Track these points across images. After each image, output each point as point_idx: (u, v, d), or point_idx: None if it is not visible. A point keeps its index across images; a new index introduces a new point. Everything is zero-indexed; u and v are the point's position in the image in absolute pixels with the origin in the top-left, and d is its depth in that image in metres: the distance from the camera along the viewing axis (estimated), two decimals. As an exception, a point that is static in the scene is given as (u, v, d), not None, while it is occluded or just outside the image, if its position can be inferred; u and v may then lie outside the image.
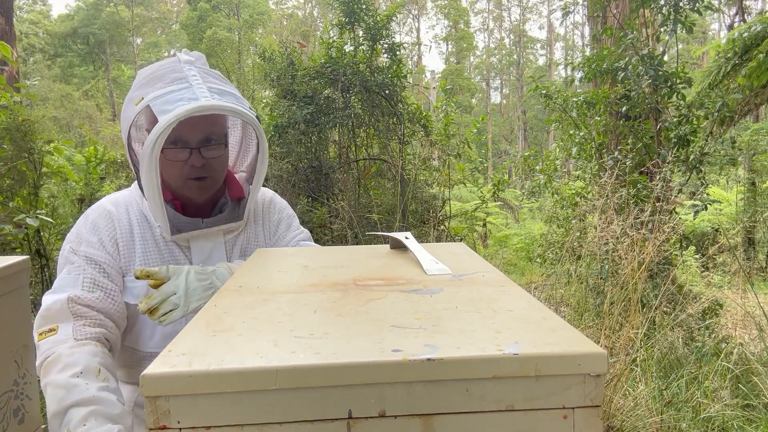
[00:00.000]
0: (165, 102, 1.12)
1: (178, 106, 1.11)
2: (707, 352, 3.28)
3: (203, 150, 1.21)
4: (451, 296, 0.66)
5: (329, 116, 5.96)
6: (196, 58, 1.25)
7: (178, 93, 1.13)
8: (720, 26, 31.34)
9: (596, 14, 5.63)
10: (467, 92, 35.15)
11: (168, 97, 1.13)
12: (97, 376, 1.03)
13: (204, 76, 1.20)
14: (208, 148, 1.22)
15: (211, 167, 1.24)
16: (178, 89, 1.14)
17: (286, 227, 1.43)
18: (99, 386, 1.00)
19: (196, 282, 1.10)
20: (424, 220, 5.70)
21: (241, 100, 1.23)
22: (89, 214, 1.28)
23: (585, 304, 3.50)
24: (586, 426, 0.48)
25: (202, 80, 1.18)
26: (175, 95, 1.13)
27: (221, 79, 1.25)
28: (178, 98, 1.12)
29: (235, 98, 1.20)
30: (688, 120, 4.40)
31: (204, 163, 1.21)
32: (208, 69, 1.25)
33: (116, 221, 1.25)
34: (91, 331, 1.12)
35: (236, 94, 1.23)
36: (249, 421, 0.46)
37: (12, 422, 0.76)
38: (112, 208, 1.28)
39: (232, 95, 1.20)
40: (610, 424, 2.41)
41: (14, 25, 7.20)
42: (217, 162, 1.25)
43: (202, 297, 1.08)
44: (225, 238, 1.30)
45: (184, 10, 30.52)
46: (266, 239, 1.39)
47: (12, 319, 0.78)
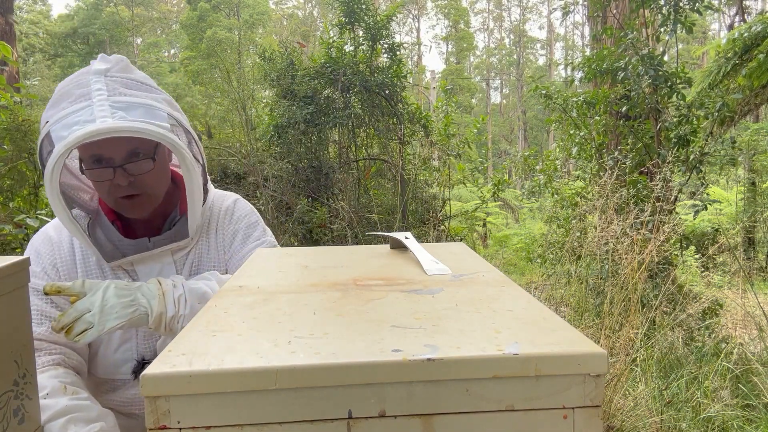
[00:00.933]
0: (63, 127, 1.01)
1: (73, 131, 0.99)
2: (707, 352, 3.28)
3: (129, 167, 1.10)
4: (451, 296, 0.66)
5: (329, 116, 5.97)
6: (113, 64, 1.11)
7: (76, 114, 1.01)
8: (720, 26, 31.35)
9: (596, 14, 5.63)
10: (467, 92, 35.15)
11: (66, 121, 1.01)
12: (65, 392, 1.02)
13: (113, 88, 1.06)
14: (136, 163, 1.11)
15: (143, 183, 1.13)
16: (78, 109, 1.02)
17: (243, 240, 1.29)
18: (69, 398, 1.00)
19: (115, 298, 0.99)
20: (424, 220, 5.70)
21: (154, 112, 1.07)
22: (33, 241, 1.22)
23: (585, 304, 3.50)
24: (586, 426, 0.48)
25: (107, 94, 1.04)
26: (73, 117, 1.01)
27: (138, 86, 1.11)
28: (74, 121, 1.00)
29: (145, 111, 1.06)
30: (688, 120, 4.40)
31: (132, 181, 1.11)
32: (125, 76, 1.11)
33: (57, 247, 1.19)
34: (49, 359, 1.10)
35: (150, 104, 1.08)
36: (249, 421, 0.46)
37: (12, 422, 0.76)
38: (53, 233, 1.21)
39: (142, 107, 1.06)
40: (610, 424, 2.41)
41: (14, 25, 7.20)
42: (150, 177, 1.13)
43: (121, 315, 0.98)
44: (174, 258, 1.21)
45: (184, 10, 30.52)
46: (219, 254, 1.27)
47: (12, 319, 0.78)
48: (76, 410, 0.98)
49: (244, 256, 1.25)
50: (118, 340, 1.17)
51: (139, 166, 1.11)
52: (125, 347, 1.17)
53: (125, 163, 1.10)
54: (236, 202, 1.34)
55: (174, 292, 1.04)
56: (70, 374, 1.09)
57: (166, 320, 1.02)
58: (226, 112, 7.84)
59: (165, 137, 1.05)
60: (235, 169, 6.00)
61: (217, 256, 1.26)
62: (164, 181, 1.19)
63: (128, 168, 1.10)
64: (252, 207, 1.38)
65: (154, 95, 1.12)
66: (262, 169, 5.64)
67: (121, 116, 1.02)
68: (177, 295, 1.04)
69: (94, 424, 0.99)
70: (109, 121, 1.00)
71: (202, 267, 1.25)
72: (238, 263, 1.23)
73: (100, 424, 1.00)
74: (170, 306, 1.03)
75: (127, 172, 1.10)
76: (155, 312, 1.01)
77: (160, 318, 1.01)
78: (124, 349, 1.17)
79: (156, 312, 1.01)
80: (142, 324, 1.01)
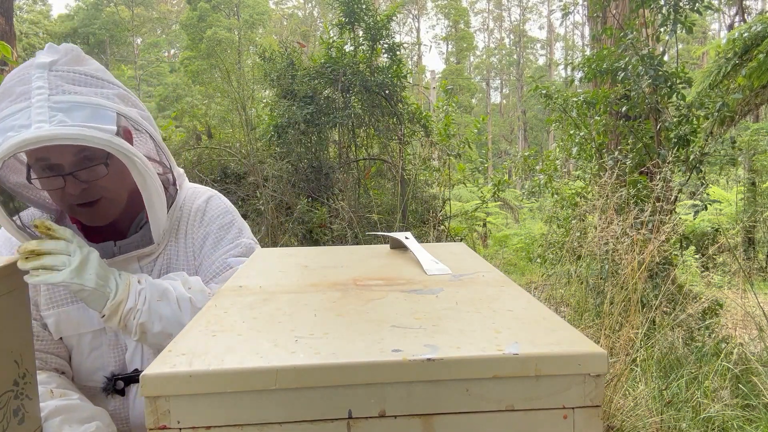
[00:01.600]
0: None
1: (7, 138, 0.89)
2: (707, 352, 3.28)
3: (81, 174, 1.00)
4: (451, 296, 0.66)
5: (329, 116, 5.97)
6: (60, 55, 0.98)
7: (13, 118, 0.91)
8: (720, 26, 31.35)
9: (596, 14, 5.63)
10: (467, 92, 35.15)
11: (2, 125, 0.91)
12: (52, 396, 1.00)
13: (56, 86, 0.94)
14: (88, 170, 1.01)
15: (99, 189, 1.03)
16: (15, 111, 0.91)
17: (214, 244, 1.18)
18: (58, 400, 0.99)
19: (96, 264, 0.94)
20: (424, 220, 5.70)
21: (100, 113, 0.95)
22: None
23: (585, 304, 3.50)
24: (586, 426, 0.48)
25: (48, 93, 0.93)
26: (9, 121, 0.91)
27: (87, 80, 0.99)
28: (10, 126, 0.90)
29: (91, 112, 0.94)
30: (688, 120, 4.40)
31: (85, 188, 1.01)
32: (72, 69, 0.98)
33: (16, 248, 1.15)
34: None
35: (97, 104, 0.96)
36: (249, 421, 0.46)
37: (12, 422, 0.76)
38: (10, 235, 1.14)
39: (87, 108, 0.94)
40: (610, 424, 2.41)
41: (14, 25, 7.20)
42: (107, 181, 1.03)
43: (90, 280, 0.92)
44: (140, 264, 1.13)
45: (184, 10, 30.52)
46: (189, 259, 1.17)
47: (12, 319, 0.78)
48: (69, 410, 0.97)
49: (215, 261, 1.17)
50: (88, 346, 1.12)
51: (91, 172, 1.01)
52: (95, 354, 1.12)
53: (76, 170, 1.00)
54: (209, 201, 1.23)
55: (137, 286, 1.01)
56: (53, 377, 1.07)
57: (123, 311, 0.98)
58: (226, 112, 7.84)
59: (109, 143, 0.93)
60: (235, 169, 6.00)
61: (187, 262, 1.17)
62: (126, 183, 1.07)
63: (79, 175, 1.00)
64: (228, 205, 1.26)
65: (105, 91, 1.00)
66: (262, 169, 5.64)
67: (60, 120, 0.90)
68: (138, 289, 1.00)
69: (89, 423, 0.97)
70: (45, 127, 0.89)
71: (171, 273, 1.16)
72: (209, 269, 1.16)
73: (96, 423, 0.98)
74: (132, 298, 0.99)
75: (79, 180, 1.01)
76: (117, 298, 0.97)
77: (118, 306, 0.97)
78: (95, 356, 1.12)
79: (117, 298, 0.97)
80: (98, 303, 0.96)
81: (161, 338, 1.02)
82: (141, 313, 0.99)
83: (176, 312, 1.02)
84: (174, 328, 1.01)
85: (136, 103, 1.07)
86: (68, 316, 1.10)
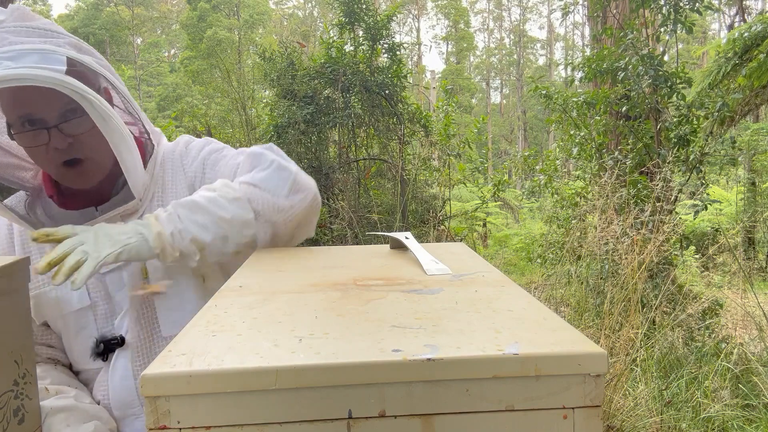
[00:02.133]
0: None
1: None
2: (707, 352, 3.28)
3: (65, 126, 0.97)
4: (451, 296, 0.66)
5: (329, 116, 5.97)
6: (7, 15, 0.96)
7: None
8: (720, 26, 31.37)
9: (596, 14, 5.64)
10: (467, 92, 35.17)
11: None
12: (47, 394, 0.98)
13: (3, 38, 0.93)
14: (71, 122, 0.97)
15: (84, 146, 1.00)
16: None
17: (213, 165, 1.15)
18: (54, 399, 0.97)
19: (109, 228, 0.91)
20: (424, 220, 5.70)
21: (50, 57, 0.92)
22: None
23: (585, 304, 3.50)
24: (586, 426, 0.48)
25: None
26: None
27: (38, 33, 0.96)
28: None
29: (40, 57, 0.91)
30: (688, 120, 4.40)
31: (71, 143, 0.98)
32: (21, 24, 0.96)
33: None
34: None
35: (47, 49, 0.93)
36: (249, 421, 0.46)
37: (12, 422, 0.76)
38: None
39: (36, 54, 0.91)
40: (610, 424, 2.41)
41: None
42: (91, 137, 0.99)
43: (116, 242, 0.88)
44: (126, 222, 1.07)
45: (184, 10, 30.52)
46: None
47: (12, 319, 0.78)
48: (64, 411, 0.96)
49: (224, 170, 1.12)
50: (74, 326, 1.07)
51: (76, 124, 0.98)
52: (84, 334, 1.07)
53: (60, 123, 0.97)
54: (189, 142, 1.19)
55: (164, 213, 0.95)
56: (47, 371, 1.05)
57: (166, 237, 0.92)
58: (226, 112, 7.84)
59: (57, 80, 0.88)
60: (235, 169, 5.99)
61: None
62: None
63: (64, 128, 0.97)
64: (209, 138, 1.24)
65: (54, 40, 0.96)
66: (262, 169, 5.62)
67: (6, 66, 0.87)
68: (166, 215, 0.95)
69: (88, 423, 0.96)
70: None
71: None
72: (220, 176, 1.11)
73: (94, 423, 0.97)
74: (166, 224, 0.93)
75: (63, 133, 0.97)
76: (153, 232, 0.91)
77: (160, 236, 0.91)
78: (85, 336, 1.07)
79: (154, 231, 0.91)
80: (143, 252, 0.91)
81: (219, 245, 0.98)
82: (186, 231, 0.94)
83: (215, 213, 0.97)
84: (223, 229, 0.97)
85: (90, 51, 1.02)
86: (47, 298, 1.05)
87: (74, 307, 1.06)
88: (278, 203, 1.03)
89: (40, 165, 1.04)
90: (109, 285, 1.07)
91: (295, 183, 1.06)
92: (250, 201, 1.01)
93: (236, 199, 1.00)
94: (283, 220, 1.04)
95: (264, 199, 1.02)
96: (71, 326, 1.07)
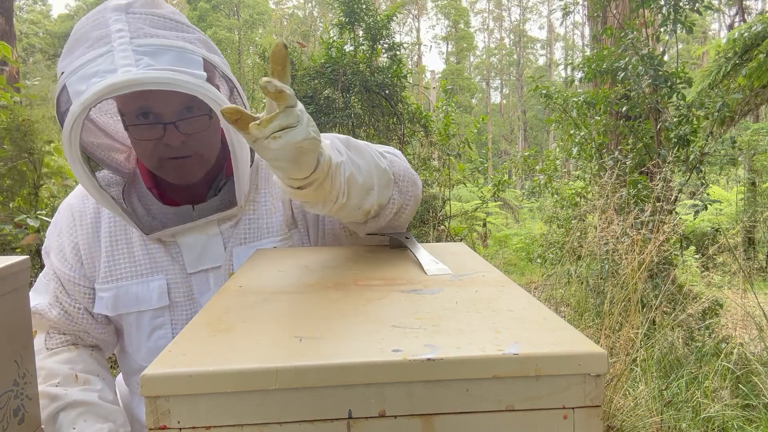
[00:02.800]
0: (80, 79, 0.85)
1: (92, 84, 0.83)
2: (707, 352, 3.28)
3: (182, 124, 0.94)
4: (451, 296, 0.66)
5: (329, 116, 5.97)
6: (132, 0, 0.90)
7: (94, 63, 0.84)
8: (720, 26, 31.37)
9: (596, 14, 5.64)
10: (467, 92, 35.17)
11: (83, 71, 0.84)
12: (76, 381, 0.99)
13: (137, 28, 0.87)
14: (190, 120, 0.95)
15: (195, 143, 0.97)
16: (96, 56, 0.85)
17: None
18: (79, 390, 0.98)
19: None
20: (424, 220, 5.70)
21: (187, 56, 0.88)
22: (58, 211, 1.08)
23: (585, 304, 3.50)
24: (586, 426, 0.48)
25: (129, 36, 0.86)
26: (91, 67, 0.84)
27: (166, 24, 0.91)
28: (93, 72, 0.84)
29: (177, 55, 0.87)
30: (688, 120, 4.40)
31: (184, 140, 0.95)
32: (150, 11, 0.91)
33: (78, 219, 1.05)
34: (63, 339, 1.05)
35: (182, 47, 0.89)
36: (249, 421, 0.46)
37: (12, 422, 0.76)
38: (75, 201, 1.06)
39: (173, 51, 0.87)
40: (610, 424, 2.42)
41: (14, 25, 7.20)
42: (204, 136, 0.97)
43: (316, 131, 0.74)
44: (221, 228, 1.04)
45: (184, 10, 30.52)
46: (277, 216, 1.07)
47: (12, 319, 0.78)
48: (86, 405, 0.97)
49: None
50: (149, 326, 1.04)
51: (193, 123, 0.95)
52: (159, 334, 1.04)
53: (178, 120, 0.93)
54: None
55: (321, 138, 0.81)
56: (83, 356, 1.05)
57: (333, 164, 0.80)
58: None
59: (201, 89, 0.86)
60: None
61: (270, 220, 1.07)
62: (218, 141, 1.03)
63: (180, 125, 0.93)
64: None
65: (186, 35, 0.92)
66: (262, 169, 5.63)
67: (147, 64, 0.84)
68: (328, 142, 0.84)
69: (103, 425, 0.97)
70: (133, 71, 0.83)
71: (255, 237, 1.06)
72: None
73: (108, 425, 0.97)
74: (330, 151, 0.82)
75: (179, 131, 0.94)
76: (326, 154, 0.79)
77: (330, 161, 0.80)
78: (158, 336, 1.04)
79: (326, 154, 0.79)
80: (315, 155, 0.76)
81: (361, 197, 0.88)
82: (345, 166, 0.84)
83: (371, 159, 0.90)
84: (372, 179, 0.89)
85: (215, 49, 0.99)
86: (127, 291, 1.03)
87: (153, 305, 1.03)
88: (414, 175, 1.00)
89: (143, 157, 1.00)
90: (194, 287, 1.04)
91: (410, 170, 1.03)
92: (392, 163, 0.95)
93: (383, 156, 0.93)
94: (409, 195, 0.98)
95: (403, 167, 0.98)
96: (145, 325, 1.04)
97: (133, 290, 1.03)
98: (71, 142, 0.88)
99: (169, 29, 0.90)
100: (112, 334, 1.11)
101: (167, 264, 1.03)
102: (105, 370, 1.09)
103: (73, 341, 1.08)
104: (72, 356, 1.03)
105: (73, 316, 1.06)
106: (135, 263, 1.03)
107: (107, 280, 1.03)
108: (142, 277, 1.03)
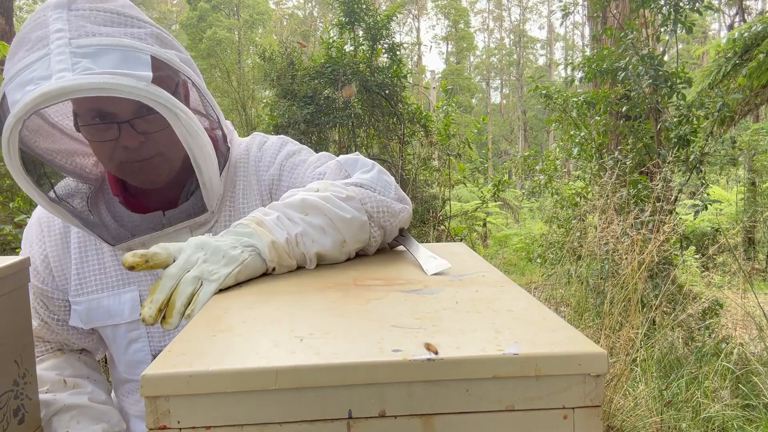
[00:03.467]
0: (16, 86, 0.78)
1: (26, 93, 0.76)
2: (707, 352, 3.28)
3: (139, 123, 0.86)
4: (451, 296, 0.66)
5: (329, 116, 5.97)
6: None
7: (30, 69, 0.77)
8: (720, 26, 31.38)
9: (596, 14, 5.64)
10: (467, 92, 35.17)
11: (20, 78, 0.78)
12: (65, 386, 0.98)
13: (78, 27, 0.79)
14: (146, 119, 0.87)
15: (155, 143, 0.89)
16: (33, 61, 0.77)
17: (291, 169, 1.02)
18: (69, 394, 0.97)
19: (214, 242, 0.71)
20: (424, 220, 5.71)
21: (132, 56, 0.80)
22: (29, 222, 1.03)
23: (585, 304, 3.50)
24: (586, 426, 0.48)
25: (69, 37, 0.78)
26: (26, 74, 0.77)
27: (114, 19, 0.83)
28: (28, 79, 0.77)
29: (121, 56, 0.79)
30: (688, 120, 4.40)
31: (143, 141, 0.87)
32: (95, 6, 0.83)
33: (46, 230, 1.00)
34: (48, 346, 1.04)
35: (128, 45, 0.80)
36: (249, 421, 0.46)
37: (12, 422, 0.76)
38: (43, 211, 1.00)
39: (117, 51, 0.79)
40: (610, 424, 2.42)
41: (14, 25, 7.20)
42: (165, 135, 0.88)
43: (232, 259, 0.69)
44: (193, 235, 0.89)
45: (184, 10, 30.52)
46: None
47: (12, 319, 0.78)
48: (78, 408, 0.96)
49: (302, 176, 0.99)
50: (124, 339, 1.00)
51: (152, 122, 0.87)
52: (136, 347, 1.01)
53: (133, 119, 0.86)
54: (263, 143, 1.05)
55: (269, 217, 0.78)
56: (71, 361, 1.04)
57: (281, 246, 0.75)
58: (226, 112, 7.85)
59: (143, 92, 0.78)
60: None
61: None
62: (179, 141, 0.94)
63: (138, 125, 0.86)
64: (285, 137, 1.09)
65: (135, 30, 0.84)
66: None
67: (85, 68, 0.76)
68: (273, 219, 0.77)
69: (96, 426, 0.96)
70: (67, 76, 0.75)
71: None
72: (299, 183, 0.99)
73: (101, 425, 0.97)
74: (276, 230, 0.76)
75: (136, 130, 0.86)
76: (265, 241, 0.73)
77: (274, 246, 0.74)
78: (135, 350, 1.01)
79: (266, 241, 0.73)
80: (258, 269, 0.73)
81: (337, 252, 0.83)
82: (305, 235, 0.78)
83: (333, 214, 0.81)
84: (341, 233, 0.82)
85: (173, 44, 0.90)
86: (99, 304, 0.98)
87: (125, 318, 0.99)
88: (391, 206, 0.89)
89: (102, 160, 0.94)
90: None
91: (398, 190, 0.94)
92: (362, 202, 0.86)
93: (350, 198, 0.85)
94: (391, 226, 0.90)
95: (376, 200, 0.88)
96: (121, 338, 1.01)
97: (105, 303, 0.98)
98: (11, 156, 0.81)
99: (116, 25, 0.83)
100: (98, 341, 1.09)
101: (139, 275, 0.98)
102: (95, 371, 1.08)
103: (59, 347, 1.06)
104: (59, 362, 1.02)
105: (53, 328, 1.03)
106: (106, 275, 0.98)
107: (78, 293, 0.99)
108: (113, 289, 0.98)
